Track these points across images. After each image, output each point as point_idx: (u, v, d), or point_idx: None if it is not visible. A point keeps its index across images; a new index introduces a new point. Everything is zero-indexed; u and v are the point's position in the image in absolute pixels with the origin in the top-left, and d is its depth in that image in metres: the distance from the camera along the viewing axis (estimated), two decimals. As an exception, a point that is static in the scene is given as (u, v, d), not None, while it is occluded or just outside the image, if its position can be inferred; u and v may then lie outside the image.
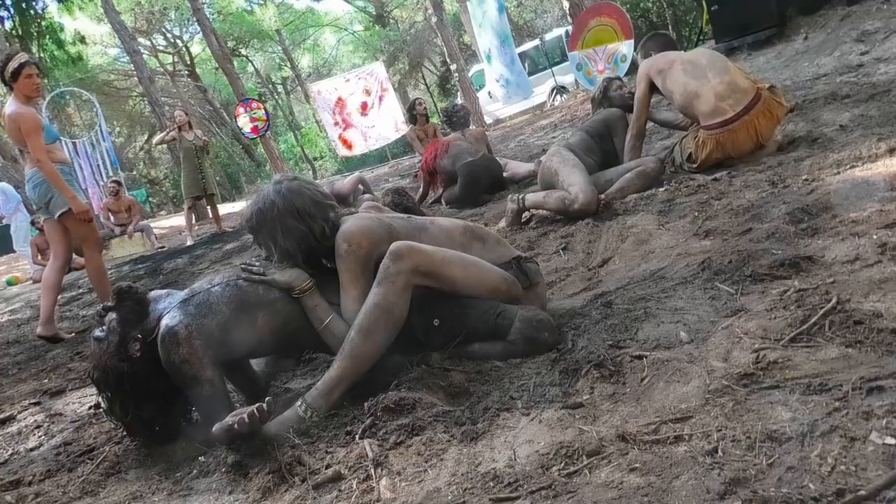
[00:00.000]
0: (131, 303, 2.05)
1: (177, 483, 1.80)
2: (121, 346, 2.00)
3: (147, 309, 2.07)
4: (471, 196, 5.25)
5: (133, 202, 11.90)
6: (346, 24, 33.60)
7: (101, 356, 2.02)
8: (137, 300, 2.07)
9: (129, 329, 2.02)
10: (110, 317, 2.06)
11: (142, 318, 2.04)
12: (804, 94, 5.03)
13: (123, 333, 2.01)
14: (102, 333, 2.05)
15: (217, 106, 27.25)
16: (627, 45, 9.90)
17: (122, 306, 2.05)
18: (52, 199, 4.51)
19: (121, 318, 2.03)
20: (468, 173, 5.28)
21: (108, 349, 2.01)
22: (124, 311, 2.04)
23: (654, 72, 3.74)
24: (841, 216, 2.23)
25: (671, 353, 1.59)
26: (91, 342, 2.10)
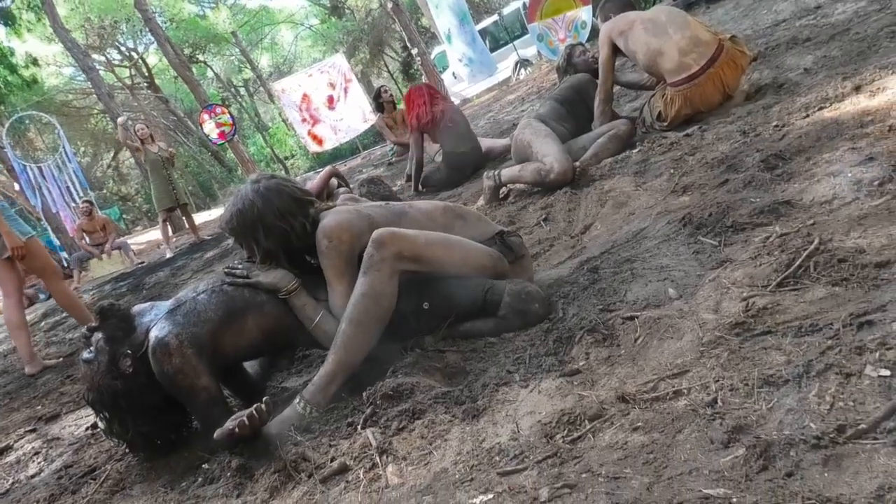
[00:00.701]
0: (116, 320, 2.03)
1: (183, 493, 1.79)
2: (111, 364, 1.98)
3: (132, 324, 2.04)
4: (452, 183, 5.21)
5: (107, 221, 11.75)
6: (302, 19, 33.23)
7: (93, 377, 2.01)
8: (122, 316, 2.04)
9: (117, 346, 2.00)
10: (96, 337, 2.04)
11: (128, 333, 2.02)
12: (766, 42, 5.05)
13: (112, 352, 1.99)
14: (91, 355, 2.03)
15: (181, 115, 26.87)
16: (586, 10, 9.87)
17: (106, 325, 2.02)
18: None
19: (107, 337, 2.01)
20: (454, 163, 5.20)
21: (100, 369, 1.99)
22: (110, 329, 2.02)
23: (616, 34, 3.73)
24: (814, 158, 2.24)
25: (662, 311, 1.60)
26: (81, 365, 2.08)
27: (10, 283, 4.55)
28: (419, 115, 5.27)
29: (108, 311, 2.04)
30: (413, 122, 5.36)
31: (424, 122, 5.24)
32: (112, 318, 2.03)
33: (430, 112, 5.21)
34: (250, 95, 33.09)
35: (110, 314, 2.03)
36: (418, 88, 5.58)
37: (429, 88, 5.60)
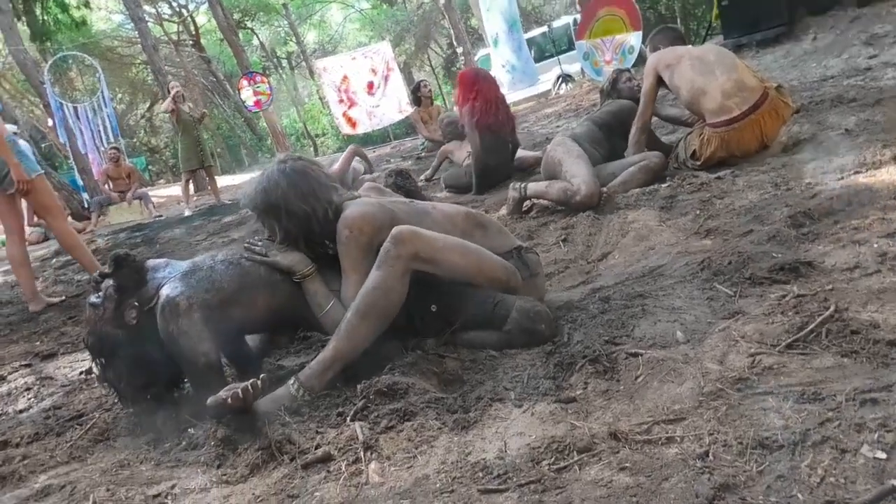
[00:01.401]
0: (129, 270, 2.05)
1: (165, 454, 1.80)
2: (116, 312, 2.00)
3: (144, 277, 2.06)
4: (478, 188, 5.16)
5: (133, 169, 11.85)
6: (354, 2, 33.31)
7: (96, 322, 2.03)
8: (135, 268, 2.06)
9: (125, 296, 2.01)
10: (107, 283, 2.06)
11: (139, 286, 2.04)
12: (811, 96, 5.01)
13: (120, 301, 2.01)
14: (98, 299, 2.05)
15: (220, 77, 27.01)
16: (636, 36, 9.83)
17: (119, 273, 2.04)
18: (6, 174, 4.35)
19: (118, 286, 2.03)
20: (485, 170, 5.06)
21: (104, 315, 2.01)
22: (122, 278, 2.04)
23: (662, 66, 3.72)
24: (843, 222, 2.22)
25: (667, 353, 1.59)
26: (86, 308, 2.10)
27: (12, 219, 4.56)
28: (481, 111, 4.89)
29: (123, 260, 2.06)
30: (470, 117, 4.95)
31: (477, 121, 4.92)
32: (126, 267, 2.05)
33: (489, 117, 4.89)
34: (291, 69, 33.21)
35: (124, 263, 2.05)
36: (485, 77, 5.21)
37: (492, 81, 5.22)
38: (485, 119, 4.89)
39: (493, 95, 5.01)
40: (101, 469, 1.71)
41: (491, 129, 4.93)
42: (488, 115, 4.89)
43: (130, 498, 1.47)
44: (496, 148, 5.02)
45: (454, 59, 24.21)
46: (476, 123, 4.90)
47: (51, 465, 1.84)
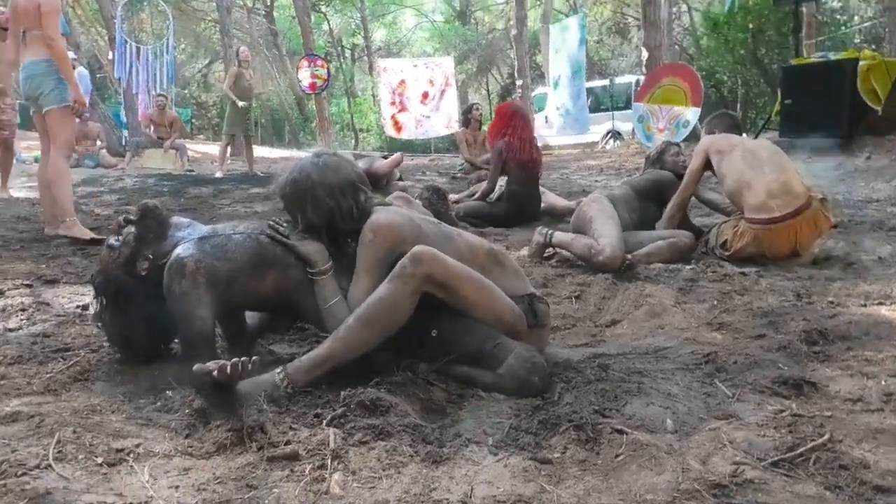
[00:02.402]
0: (153, 222, 2.08)
1: (138, 409, 1.80)
2: (129, 259, 2.04)
3: (166, 232, 2.09)
4: (504, 222, 5.20)
5: (176, 119, 12.01)
6: (429, 11, 33.65)
7: (108, 263, 2.07)
8: (159, 221, 2.09)
9: (142, 247, 2.05)
10: (129, 229, 2.09)
11: (158, 239, 2.06)
12: (852, 214, 4.98)
13: (136, 249, 2.04)
14: (117, 242, 2.08)
15: (283, 53, 27.32)
16: (693, 111, 9.85)
17: (143, 223, 2.07)
18: (44, 93, 4.38)
19: (138, 234, 2.06)
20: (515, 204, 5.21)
21: (117, 259, 2.05)
22: (144, 227, 2.07)
23: (714, 150, 3.72)
24: (856, 350, 2.19)
25: (652, 438, 1.57)
26: (104, 247, 2.12)
27: (46, 141, 4.60)
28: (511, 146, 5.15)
29: (151, 211, 2.09)
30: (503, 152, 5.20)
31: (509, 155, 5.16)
32: (151, 219, 2.08)
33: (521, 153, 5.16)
34: (353, 61, 33.52)
35: (151, 215, 2.08)
36: (523, 115, 5.49)
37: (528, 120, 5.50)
38: (518, 156, 5.17)
39: (527, 134, 5.31)
40: (72, 408, 1.71)
41: (523, 166, 5.19)
42: (522, 152, 5.18)
43: (94, 446, 1.47)
44: (526, 181, 5.26)
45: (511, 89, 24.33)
46: (508, 159, 5.18)
47: (25, 391, 1.85)
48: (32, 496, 1.25)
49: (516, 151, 5.15)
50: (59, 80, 4.36)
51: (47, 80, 4.35)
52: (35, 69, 4.38)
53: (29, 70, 4.42)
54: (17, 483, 1.29)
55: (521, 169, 5.20)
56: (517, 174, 5.22)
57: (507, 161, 5.21)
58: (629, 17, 24.69)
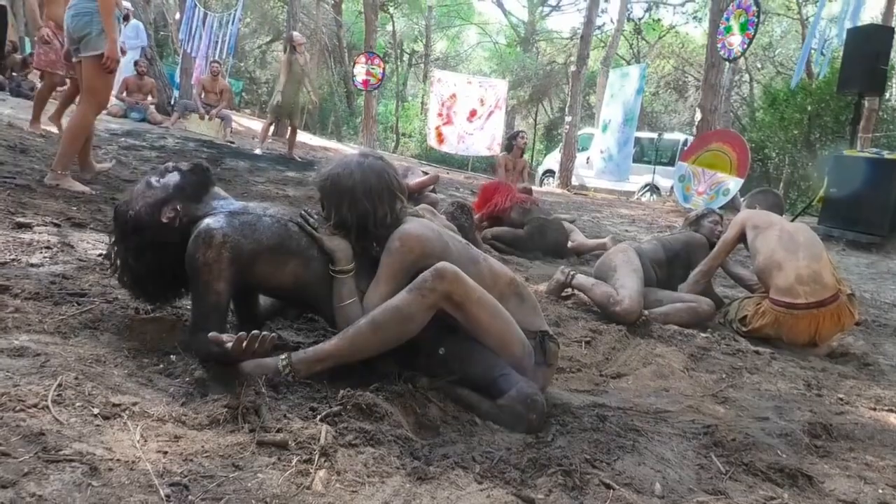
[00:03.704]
0: (197, 180, 2.09)
1: (140, 368, 1.82)
2: (159, 203, 2.02)
3: (204, 197, 2.09)
4: (527, 248, 5.24)
5: (227, 88, 12.17)
6: (493, 32, 33.91)
7: (137, 197, 2.05)
8: (203, 182, 2.10)
9: (178, 197, 2.04)
10: (173, 176, 2.09)
11: (195, 199, 2.07)
12: (877, 315, 4.91)
13: (170, 196, 2.04)
14: (157, 182, 2.08)
15: (343, 45, 27.67)
16: (735, 181, 9.80)
17: (188, 175, 2.08)
18: (87, 36, 4.14)
19: (179, 184, 2.06)
20: (539, 230, 5.30)
21: (148, 198, 2.04)
22: (187, 180, 2.07)
23: (751, 225, 3.69)
24: (857, 453, 2.16)
25: (638, 499, 1.55)
26: (141, 181, 2.13)
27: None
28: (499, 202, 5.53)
29: (201, 170, 2.12)
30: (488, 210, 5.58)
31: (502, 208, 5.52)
32: (197, 176, 2.09)
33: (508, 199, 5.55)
34: (409, 66, 33.84)
35: (199, 173, 2.10)
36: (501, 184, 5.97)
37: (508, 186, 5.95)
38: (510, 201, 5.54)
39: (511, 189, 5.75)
40: (78, 354, 1.73)
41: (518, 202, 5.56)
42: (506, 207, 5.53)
43: (93, 395, 1.48)
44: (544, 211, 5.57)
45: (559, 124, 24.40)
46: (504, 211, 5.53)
47: (36, 329, 1.87)
48: (26, 433, 1.27)
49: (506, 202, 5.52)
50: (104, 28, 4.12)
51: (96, 23, 4.12)
52: (80, 7, 4.15)
53: (79, 7, 4.16)
54: (14, 418, 1.31)
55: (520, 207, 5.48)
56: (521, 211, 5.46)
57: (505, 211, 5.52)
58: (689, 76, 24.71)
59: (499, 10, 32.74)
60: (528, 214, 5.40)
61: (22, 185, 3.96)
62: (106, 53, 4.13)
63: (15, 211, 3.30)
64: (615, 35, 21.20)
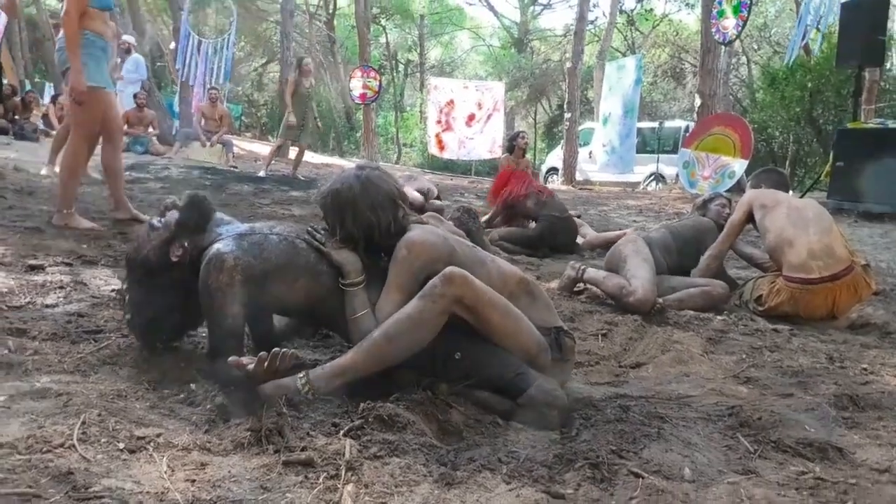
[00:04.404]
0: (197, 213, 2.09)
1: (162, 399, 1.83)
2: (166, 243, 2.05)
3: (207, 225, 2.10)
4: (537, 245, 5.23)
5: (226, 114, 12.25)
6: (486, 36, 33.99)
7: (143, 242, 2.08)
8: (204, 213, 2.10)
9: (182, 234, 2.06)
10: (172, 214, 2.11)
11: (198, 230, 2.08)
12: (894, 283, 4.87)
13: (175, 234, 2.06)
14: (158, 224, 2.11)
15: (338, 60, 27.80)
16: (740, 163, 9.76)
17: (188, 211, 2.09)
18: (68, 70, 4.08)
19: (180, 221, 2.07)
20: (549, 228, 5.30)
21: (153, 240, 2.06)
22: (188, 215, 2.08)
23: (758, 204, 3.67)
24: (886, 420, 2.13)
25: (668, 485, 1.54)
26: (143, 226, 2.15)
27: None
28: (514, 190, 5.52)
29: (198, 201, 2.11)
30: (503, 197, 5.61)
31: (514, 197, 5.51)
32: (196, 209, 2.09)
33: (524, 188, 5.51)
34: (405, 76, 33.95)
35: (197, 205, 2.10)
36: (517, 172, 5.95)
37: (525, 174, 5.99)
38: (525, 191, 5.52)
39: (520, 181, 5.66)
40: (99, 391, 1.75)
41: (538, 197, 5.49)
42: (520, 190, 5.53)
43: (117, 431, 1.50)
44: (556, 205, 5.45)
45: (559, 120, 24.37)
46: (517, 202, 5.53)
47: (56, 369, 1.89)
48: (55, 474, 1.28)
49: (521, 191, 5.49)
50: (87, 58, 4.09)
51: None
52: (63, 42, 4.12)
53: (61, 42, 4.15)
54: (42, 460, 1.32)
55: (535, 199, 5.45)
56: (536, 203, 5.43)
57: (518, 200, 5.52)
58: (686, 63, 24.63)
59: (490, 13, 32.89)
60: (544, 207, 5.37)
61: (31, 228, 4.01)
62: (70, 84, 4.06)
63: (27, 254, 3.34)
64: (608, 28, 21.22)
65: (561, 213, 5.40)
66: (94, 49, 4.15)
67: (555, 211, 5.38)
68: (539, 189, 5.57)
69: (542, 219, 5.34)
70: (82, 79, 4.03)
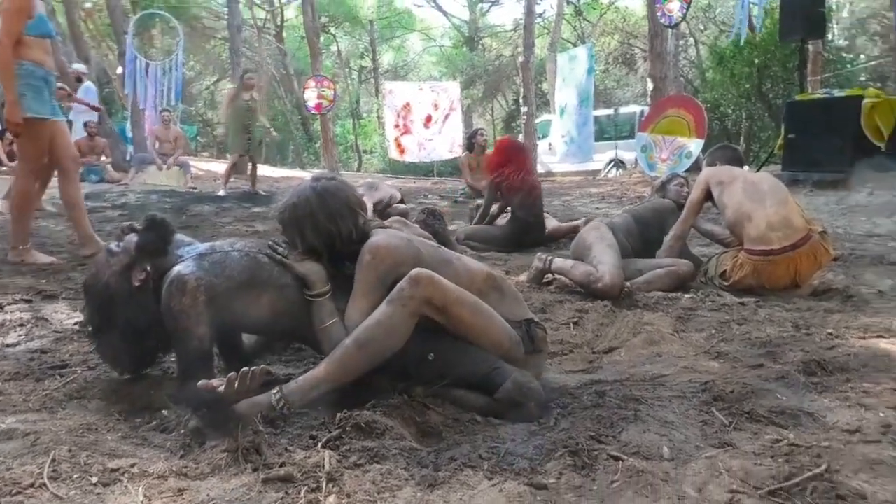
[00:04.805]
0: (157, 235, 2.05)
1: (134, 428, 1.80)
2: (126, 268, 2.00)
3: (167, 248, 2.06)
4: (506, 245, 5.23)
5: (181, 135, 12.09)
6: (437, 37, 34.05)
7: (103, 268, 2.03)
8: (164, 235, 2.06)
9: (142, 257, 2.01)
10: (131, 237, 2.06)
11: (159, 253, 2.03)
12: (853, 248, 4.99)
13: (135, 259, 2.01)
14: (117, 248, 2.06)
15: (291, 72, 27.61)
16: (696, 143, 9.89)
17: (147, 234, 2.04)
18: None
19: (140, 244, 2.03)
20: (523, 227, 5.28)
21: (113, 266, 2.01)
22: (147, 238, 2.03)
23: (714, 182, 3.74)
24: (854, 382, 2.18)
25: (648, 465, 1.56)
26: (103, 252, 2.11)
27: None
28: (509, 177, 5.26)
29: (157, 223, 2.06)
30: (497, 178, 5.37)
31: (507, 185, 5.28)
32: (156, 231, 2.05)
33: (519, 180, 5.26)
34: (360, 82, 33.84)
35: (157, 227, 2.05)
36: (520, 148, 5.68)
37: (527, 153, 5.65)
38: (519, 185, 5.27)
39: (526, 165, 5.45)
40: (68, 427, 1.71)
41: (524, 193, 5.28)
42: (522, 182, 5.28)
43: (89, 465, 1.46)
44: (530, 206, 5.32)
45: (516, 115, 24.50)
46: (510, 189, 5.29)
47: (22, 409, 1.84)
48: (26, 514, 1.25)
49: (513, 182, 5.26)
50: (25, 88, 3.93)
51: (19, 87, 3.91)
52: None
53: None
54: (12, 503, 1.29)
55: (519, 197, 5.28)
56: (520, 200, 5.28)
57: (507, 190, 5.31)
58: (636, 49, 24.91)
59: (439, 13, 32.92)
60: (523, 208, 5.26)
61: (-13, 267, 3.91)
62: (6, 116, 3.95)
63: (-16, 294, 3.25)
64: (557, 20, 21.39)
65: (537, 217, 5.35)
66: (33, 79, 3.99)
67: (531, 215, 5.31)
68: (532, 186, 5.35)
69: (516, 219, 5.32)
70: (18, 110, 3.88)
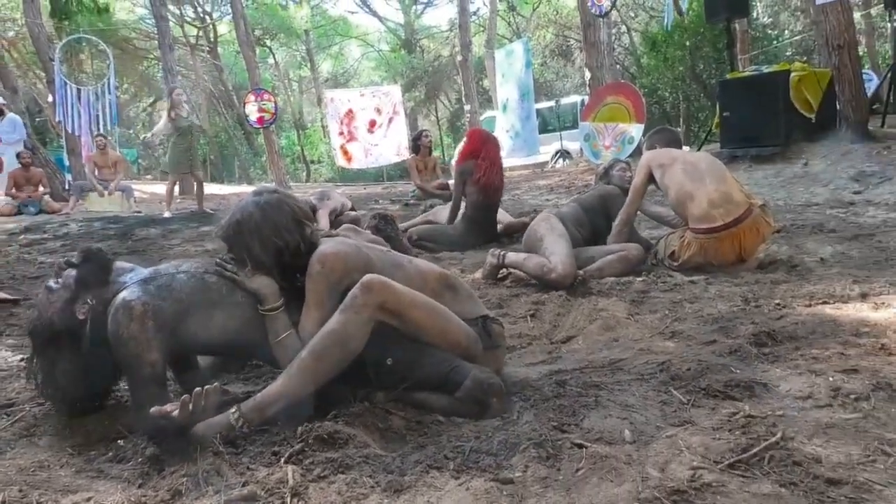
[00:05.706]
0: (95, 266, 1.99)
1: (88, 462, 1.75)
2: (68, 303, 1.93)
3: (108, 277, 2.00)
4: (460, 245, 5.22)
5: (120, 159, 11.79)
6: (374, 41, 33.95)
7: (45, 306, 1.96)
8: (102, 265, 2.00)
9: (82, 290, 1.95)
10: (69, 272, 2.00)
11: (100, 284, 1.97)
12: (793, 219, 5.15)
13: (76, 293, 1.95)
14: (56, 285, 1.99)
15: (229, 88, 27.20)
16: (637, 128, 10.09)
17: (84, 266, 1.98)
18: None
19: (79, 278, 1.96)
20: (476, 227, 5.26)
21: (55, 303, 1.94)
22: (86, 271, 1.97)
23: (655, 165, 3.81)
24: (803, 350, 2.25)
25: (611, 450, 1.58)
26: (42, 290, 2.04)
27: None
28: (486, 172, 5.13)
29: (93, 254, 2.01)
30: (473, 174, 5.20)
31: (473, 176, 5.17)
32: (93, 262, 1.99)
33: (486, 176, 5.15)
34: (300, 93, 33.54)
35: (93, 258, 2.00)
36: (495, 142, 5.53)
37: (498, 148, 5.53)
38: (484, 180, 5.16)
39: (497, 160, 5.32)
40: (18, 466, 1.65)
41: (485, 190, 5.19)
42: (490, 176, 5.17)
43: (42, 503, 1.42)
44: (485, 206, 5.27)
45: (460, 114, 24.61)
46: (477, 182, 5.16)
47: (-33, 452, 1.77)
48: (-23, 561, 1.20)
49: (483, 175, 5.15)
50: None
51: None
52: None
53: None
54: (-40, 548, 1.24)
55: (481, 193, 5.20)
56: (477, 198, 5.23)
57: (468, 184, 5.23)
58: (571, 40, 25.24)
59: (374, 18, 32.86)
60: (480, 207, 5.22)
61: (-77, 311, 3.74)
62: None
63: (-80, 339, 3.12)
64: (491, 17, 21.54)
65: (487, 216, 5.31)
66: None
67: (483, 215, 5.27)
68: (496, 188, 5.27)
69: (466, 218, 5.30)
70: None
